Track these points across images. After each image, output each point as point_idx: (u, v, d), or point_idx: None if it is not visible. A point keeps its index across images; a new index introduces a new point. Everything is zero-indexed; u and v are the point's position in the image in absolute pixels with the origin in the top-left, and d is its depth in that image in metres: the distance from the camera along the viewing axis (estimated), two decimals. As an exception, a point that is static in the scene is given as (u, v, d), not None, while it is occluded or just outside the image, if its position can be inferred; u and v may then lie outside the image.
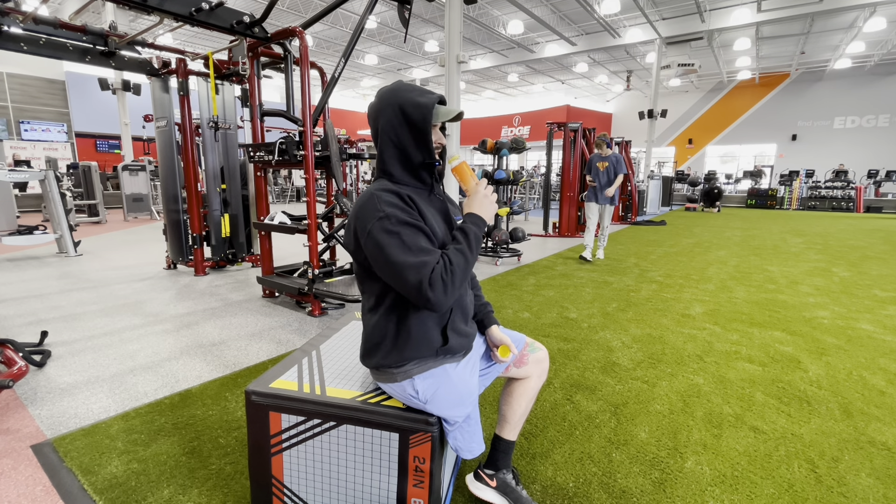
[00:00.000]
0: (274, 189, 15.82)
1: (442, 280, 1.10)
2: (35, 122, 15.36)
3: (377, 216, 1.14)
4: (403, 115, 1.21)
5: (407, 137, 1.23)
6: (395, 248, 1.11)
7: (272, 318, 3.53)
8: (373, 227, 1.14)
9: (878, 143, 19.02)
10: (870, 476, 1.72)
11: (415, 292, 1.10)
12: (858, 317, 3.64)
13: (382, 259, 1.13)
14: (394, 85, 1.26)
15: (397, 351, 1.25)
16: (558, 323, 3.43)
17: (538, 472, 1.71)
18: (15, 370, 2.35)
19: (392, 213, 1.14)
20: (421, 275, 1.09)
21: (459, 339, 1.30)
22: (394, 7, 12.23)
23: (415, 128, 1.21)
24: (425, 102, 1.21)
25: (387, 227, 1.13)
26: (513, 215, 6.08)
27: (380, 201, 1.16)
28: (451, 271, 1.12)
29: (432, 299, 1.09)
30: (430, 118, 1.21)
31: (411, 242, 1.12)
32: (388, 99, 1.23)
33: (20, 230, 6.17)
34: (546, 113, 21.69)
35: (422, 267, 1.09)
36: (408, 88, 1.24)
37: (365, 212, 1.16)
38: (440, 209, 1.31)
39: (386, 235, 1.12)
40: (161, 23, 3.60)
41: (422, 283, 1.09)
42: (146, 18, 6.83)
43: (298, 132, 3.47)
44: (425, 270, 1.09)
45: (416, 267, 1.09)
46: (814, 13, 12.61)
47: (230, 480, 1.64)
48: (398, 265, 1.11)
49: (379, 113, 1.24)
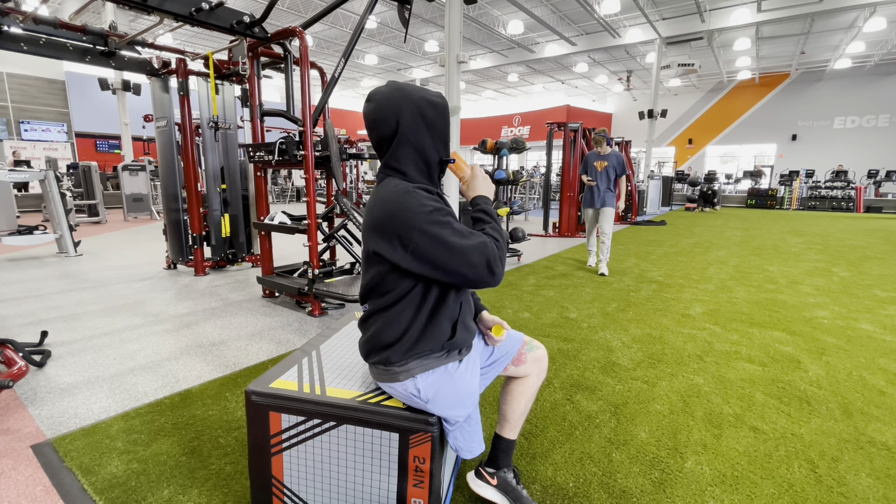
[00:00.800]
0: (274, 189, 15.82)
1: (499, 256, 1.16)
2: (35, 122, 15.36)
3: (424, 211, 1.15)
4: (422, 116, 1.23)
5: (425, 137, 1.24)
6: (453, 236, 1.14)
7: (272, 318, 3.53)
8: (422, 222, 1.14)
9: (878, 143, 19.02)
10: (870, 476, 1.72)
11: (483, 271, 1.14)
12: (858, 317, 3.64)
13: (442, 249, 1.13)
14: (398, 85, 1.24)
15: (409, 346, 1.25)
16: (558, 323, 3.43)
17: (538, 472, 1.71)
18: (15, 370, 2.35)
19: (438, 206, 1.17)
20: (486, 254, 1.13)
21: (465, 334, 1.31)
22: (394, 7, 12.23)
23: (435, 127, 1.25)
24: (438, 100, 1.26)
25: (437, 220, 1.15)
26: (513, 215, 6.07)
27: (420, 198, 1.17)
28: (499, 246, 1.18)
29: (497, 273, 1.15)
30: (447, 113, 1.26)
31: (462, 229, 1.17)
32: (403, 100, 1.21)
33: (20, 230, 6.17)
34: (546, 113, 21.69)
35: (483, 247, 1.14)
36: (416, 89, 1.25)
37: (406, 211, 1.15)
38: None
39: (439, 227, 1.14)
40: (161, 23, 3.60)
41: (489, 261, 1.13)
42: (146, 18, 6.83)
43: (298, 132, 3.47)
44: (487, 249, 1.14)
45: (479, 248, 1.13)
46: (814, 13, 12.60)
47: (230, 480, 1.64)
48: (462, 250, 1.13)
49: (397, 112, 1.21)
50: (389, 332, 1.26)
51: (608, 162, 5.16)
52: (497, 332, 1.42)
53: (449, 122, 1.27)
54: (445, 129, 1.27)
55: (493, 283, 1.17)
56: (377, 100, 1.23)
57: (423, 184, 1.26)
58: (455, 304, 1.29)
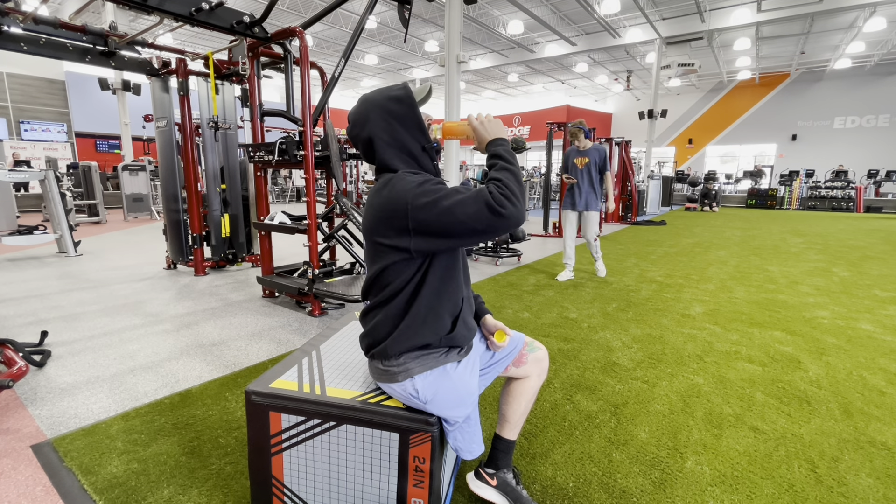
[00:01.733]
0: (274, 189, 15.82)
1: (504, 196, 1.11)
2: (35, 122, 15.37)
3: (412, 187, 1.16)
4: (389, 113, 1.26)
5: (398, 131, 1.26)
6: (445, 199, 1.13)
7: (272, 318, 3.53)
8: (413, 198, 1.15)
9: (878, 143, 19.02)
10: (870, 476, 1.72)
11: (486, 215, 1.10)
12: (858, 317, 3.64)
13: (440, 214, 1.12)
14: (364, 97, 1.31)
15: (408, 337, 1.24)
16: (558, 323, 3.43)
17: (538, 472, 1.71)
18: (15, 370, 2.35)
19: (425, 179, 1.19)
20: (483, 198, 1.11)
21: (465, 331, 1.31)
22: (394, 7, 12.23)
23: (405, 118, 1.26)
24: (401, 94, 1.27)
25: (427, 189, 1.16)
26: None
27: (407, 179, 1.20)
28: (505, 185, 1.13)
29: (506, 213, 1.09)
30: (413, 101, 1.27)
31: (456, 189, 1.17)
32: (367, 106, 1.28)
33: (20, 230, 6.17)
34: (546, 113, 21.69)
35: (479, 193, 1.12)
36: (379, 91, 1.29)
37: (398, 194, 1.17)
38: None
39: (430, 195, 1.14)
40: (161, 23, 3.60)
41: (490, 204, 1.09)
42: (146, 18, 6.83)
43: (298, 132, 3.47)
44: (483, 193, 1.11)
45: (474, 196, 1.12)
46: (814, 13, 12.61)
47: (230, 480, 1.64)
48: (458, 203, 1.12)
49: (365, 121, 1.27)
50: (388, 323, 1.26)
51: (589, 157, 4.59)
52: (499, 339, 1.42)
53: (417, 108, 1.28)
54: (415, 116, 1.27)
55: (506, 225, 1.11)
56: (350, 117, 1.32)
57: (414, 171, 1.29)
58: (456, 298, 1.29)
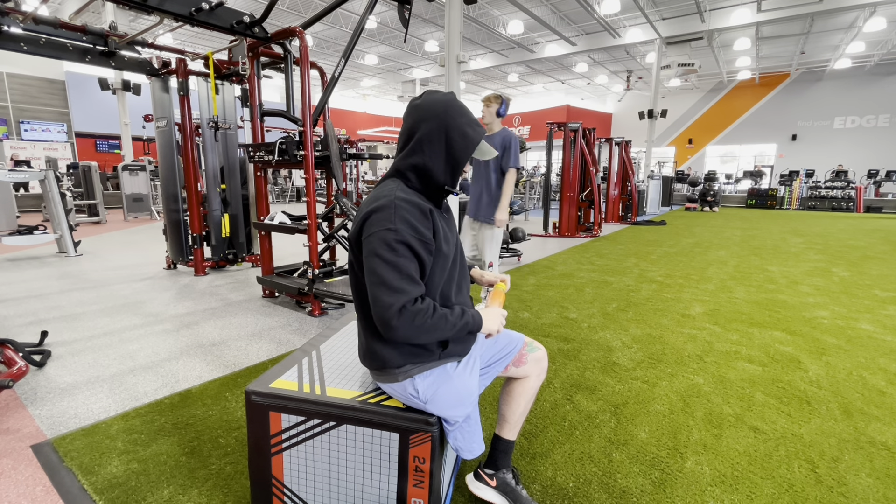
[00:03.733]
0: (274, 189, 15.82)
1: (413, 317, 1.10)
2: (35, 122, 15.36)
3: (387, 226, 1.13)
4: (447, 139, 1.20)
5: (439, 159, 1.22)
6: (386, 264, 1.11)
7: (272, 318, 3.53)
8: (378, 232, 1.13)
9: (878, 143, 19.02)
10: (870, 476, 1.72)
11: (382, 311, 1.10)
12: (858, 317, 3.64)
13: (370, 266, 1.13)
14: (447, 99, 1.23)
15: (398, 354, 1.25)
16: (558, 323, 3.43)
17: (538, 472, 1.71)
18: (15, 370, 2.35)
19: (401, 231, 1.13)
20: (395, 299, 1.09)
21: (458, 346, 1.31)
22: (394, 7, 12.23)
23: (452, 156, 1.22)
24: (473, 137, 1.22)
25: (389, 241, 1.12)
26: (513, 215, 6.07)
27: (397, 212, 1.14)
28: (426, 319, 1.11)
29: (395, 326, 1.10)
30: (471, 153, 1.23)
31: (403, 266, 1.12)
32: (439, 113, 1.21)
33: (20, 230, 6.17)
34: (546, 113, 21.68)
35: (400, 293, 1.10)
36: (460, 111, 1.23)
37: (379, 215, 1.15)
38: (448, 222, 1.34)
39: (385, 248, 1.12)
40: (161, 23, 3.60)
41: (392, 307, 1.09)
42: (146, 18, 6.83)
43: (298, 132, 3.47)
44: (402, 297, 1.10)
45: (396, 291, 1.10)
46: (814, 13, 12.60)
47: (230, 480, 1.64)
48: (380, 279, 1.11)
49: (422, 121, 1.22)
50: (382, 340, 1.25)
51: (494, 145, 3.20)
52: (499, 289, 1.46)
53: (469, 156, 1.24)
54: (463, 159, 1.23)
55: (387, 333, 1.12)
56: (424, 99, 1.24)
57: (419, 195, 1.24)
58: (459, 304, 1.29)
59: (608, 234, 8.75)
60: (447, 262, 1.26)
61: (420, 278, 1.17)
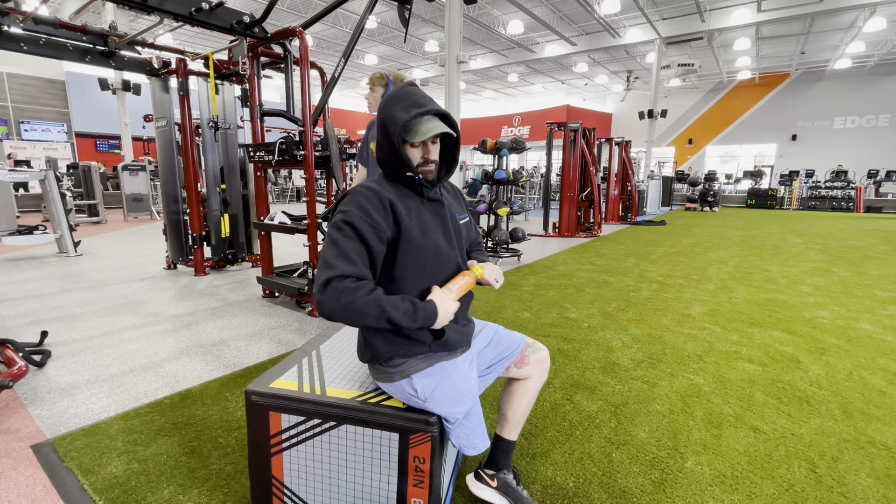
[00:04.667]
0: (274, 189, 15.82)
1: (339, 294, 1.10)
2: (35, 122, 15.37)
3: (341, 209, 1.21)
4: (384, 127, 1.25)
5: (386, 147, 1.26)
6: (329, 242, 1.18)
7: (272, 318, 3.53)
8: (335, 217, 1.22)
9: (878, 143, 19.03)
10: (870, 476, 1.72)
11: (314, 285, 1.16)
12: (858, 317, 3.64)
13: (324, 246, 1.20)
14: (394, 91, 1.27)
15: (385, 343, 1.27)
16: (558, 323, 3.43)
17: (538, 472, 1.71)
18: (15, 370, 2.35)
19: (350, 212, 1.19)
20: (325, 274, 1.13)
21: (458, 336, 1.31)
22: (394, 7, 12.23)
23: (389, 141, 1.24)
24: (400, 117, 1.20)
25: (336, 221, 1.20)
26: (513, 215, 6.07)
27: (353, 197, 1.22)
28: (353, 298, 1.11)
29: (320, 301, 1.12)
30: (399, 136, 1.22)
31: (342, 244, 1.16)
32: (382, 107, 1.27)
33: (20, 230, 6.17)
34: (546, 113, 21.70)
35: (330, 268, 1.13)
36: (399, 98, 1.24)
37: (343, 201, 1.24)
38: (437, 213, 1.32)
39: (333, 228, 1.20)
40: (161, 23, 3.60)
41: (319, 280, 1.13)
42: (146, 18, 6.82)
43: (298, 132, 3.47)
44: (330, 272, 1.12)
45: (328, 266, 1.14)
46: (814, 13, 12.61)
47: (230, 480, 1.64)
48: (323, 256, 1.17)
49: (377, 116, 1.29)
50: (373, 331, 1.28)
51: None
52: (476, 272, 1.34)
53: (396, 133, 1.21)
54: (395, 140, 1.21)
55: (318, 308, 1.13)
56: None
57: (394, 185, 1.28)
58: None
59: (608, 234, 8.75)
60: (422, 254, 1.24)
61: (369, 264, 1.19)
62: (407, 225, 1.22)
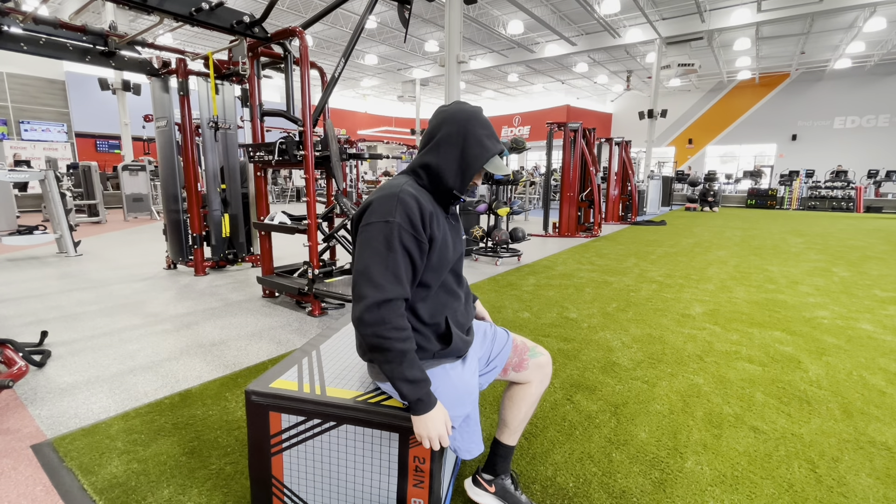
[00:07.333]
0: (274, 189, 15.82)
1: (382, 321, 1.10)
2: (35, 122, 15.37)
3: (386, 217, 1.13)
4: (464, 143, 1.22)
5: (453, 162, 1.22)
6: (378, 257, 1.12)
7: (272, 318, 3.53)
8: (376, 223, 1.14)
9: (878, 143, 19.04)
10: (870, 476, 1.72)
11: (356, 301, 1.12)
12: (858, 317, 3.64)
13: (361, 254, 1.15)
14: (473, 110, 1.25)
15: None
16: (558, 323, 3.43)
17: (538, 473, 1.71)
18: (15, 370, 2.35)
19: (401, 225, 1.13)
20: (372, 293, 1.10)
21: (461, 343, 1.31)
22: (394, 7, 12.22)
23: (465, 160, 1.22)
24: (489, 147, 1.22)
25: (386, 234, 1.13)
26: (513, 215, 6.07)
27: (399, 206, 1.14)
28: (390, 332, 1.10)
29: (365, 320, 1.10)
30: (483, 163, 1.23)
31: (393, 265, 1.12)
32: (461, 120, 1.22)
33: (20, 230, 6.17)
34: (546, 113, 21.71)
35: (379, 289, 1.10)
36: (483, 124, 1.24)
37: (382, 205, 1.16)
38: (454, 230, 1.34)
39: (381, 240, 1.13)
40: (161, 23, 3.60)
41: (366, 299, 1.10)
42: (146, 18, 6.83)
43: (298, 132, 3.47)
44: (379, 294, 1.10)
45: (379, 286, 1.10)
46: (814, 13, 12.61)
47: (230, 480, 1.64)
48: (365, 268, 1.12)
49: (444, 124, 1.24)
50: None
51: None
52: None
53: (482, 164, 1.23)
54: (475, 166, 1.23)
55: (355, 321, 1.12)
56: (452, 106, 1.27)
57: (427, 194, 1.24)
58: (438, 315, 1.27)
59: (608, 234, 8.75)
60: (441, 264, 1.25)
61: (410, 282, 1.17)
62: (437, 238, 1.21)
